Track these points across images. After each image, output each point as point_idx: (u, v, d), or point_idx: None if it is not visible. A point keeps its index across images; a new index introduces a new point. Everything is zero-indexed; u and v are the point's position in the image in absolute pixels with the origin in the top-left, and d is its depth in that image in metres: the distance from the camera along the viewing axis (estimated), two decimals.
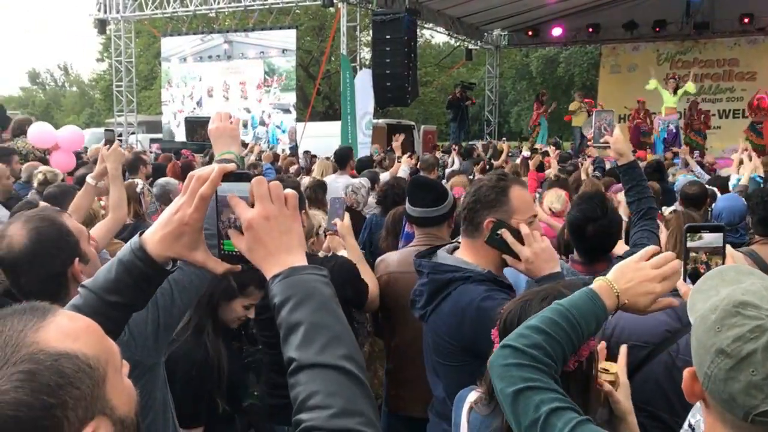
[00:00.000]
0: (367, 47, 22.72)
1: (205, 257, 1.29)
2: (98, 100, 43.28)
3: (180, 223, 1.24)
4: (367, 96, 15.48)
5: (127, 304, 1.30)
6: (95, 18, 21.30)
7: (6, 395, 0.80)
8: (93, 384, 0.88)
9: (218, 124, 1.99)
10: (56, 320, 0.90)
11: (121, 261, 1.28)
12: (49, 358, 0.84)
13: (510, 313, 1.67)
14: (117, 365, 0.96)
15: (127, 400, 0.96)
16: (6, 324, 0.87)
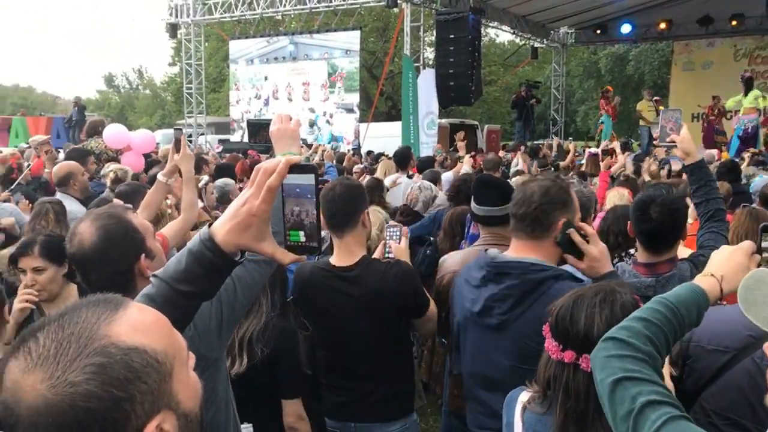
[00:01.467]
0: (431, 47, 22.69)
1: (272, 248, 1.31)
2: (170, 102, 44.79)
3: (248, 214, 1.27)
4: (430, 96, 15.42)
5: (197, 293, 1.34)
6: (167, 23, 22.03)
7: (79, 386, 0.82)
8: (160, 379, 0.90)
9: (279, 125, 2.01)
10: (127, 313, 0.92)
11: (190, 251, 1.31)
12: (119, 352, 0.86)
13: (562, 308, 1.70)
14: (183, 359, 0.97)
15: (193, 394, 0.97)
16: (81, 315, 0.89)
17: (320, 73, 20.26)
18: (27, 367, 0.84)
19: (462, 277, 2.51)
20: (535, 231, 2.23)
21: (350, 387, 2.86)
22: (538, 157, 11.52)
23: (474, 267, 2.42)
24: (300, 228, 1.31)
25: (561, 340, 1.68)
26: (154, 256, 1.88)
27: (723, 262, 1.60)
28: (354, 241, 2.80)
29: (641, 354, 1.35)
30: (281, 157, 1.30)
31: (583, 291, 1.73)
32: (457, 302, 2.52)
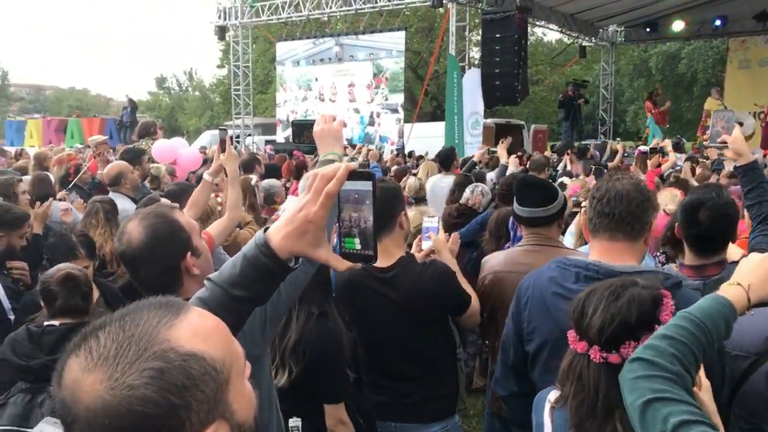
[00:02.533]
0: (477, 47, 22.52)
1: (327, 255, 1.30)
2: (218, 104, 45.54)
3: (304, 220, 1.25)
4: (475, 96, 15.31)
5: (251, 298, 1.33)
6: (216, 25, 22.47)
7: (137, 390, 0.82)
8: (217, 387, 0.89)
9: (323, 125, 2.04)
10: (188, 318, 0.92)
11: (245, 256, 1.31)
12: (178, 358, 0.86)
13: (578, 299, 1.75)
14: (241, 369, 0.96)
15: (247, 405, 0.96)
16: (143, 317, 0.89)
17: (365, 74, 20.31)
18: (87, 366, 0.85)
19: (545, 290, 2.28)
20: (634, 230, 2.14)
21: (390, 387, 2.87)
22: (585, 158, 11.31)
23: (565, 277, 2.21)
24: (355, 235, 1.29)
25: (576, 330, 1.72)
26: (200, 253, 1.91)
27: (751, 270, 1.54)
28: (392, 243, 2.80)
29: (669, 374, 1.32)
30: (339, 163, 1.29)
31: (600, 284, 1.75)
32: (541, 318, 2.29)
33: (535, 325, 2.30)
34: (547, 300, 2.24)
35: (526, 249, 3.06)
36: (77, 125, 22.29)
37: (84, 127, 21.90)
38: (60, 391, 0.86)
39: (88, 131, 20.66)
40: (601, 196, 2.18)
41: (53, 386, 0.87)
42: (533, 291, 2.34)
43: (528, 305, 2.34)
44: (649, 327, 1.60)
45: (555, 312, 2.18)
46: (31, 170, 7.23)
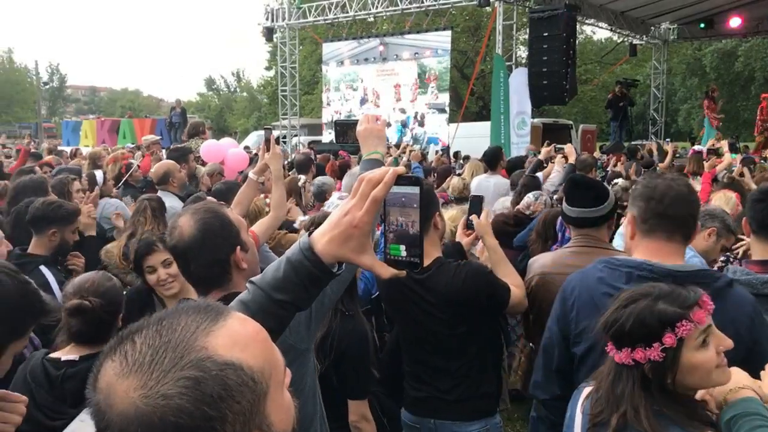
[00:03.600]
0: (524, 46, 22.26)
1: (371, 261, 1.27)
2: (265, 105, 46.25)
3: (349, 225, 1.23)
4: (522, 95, 15.14)
5: (293, 302, 1.31)
6: (263, 27, 22.79)
7: (171, 400, 0.80)
8: (254, 399, 0.86)
9: (366, 125, 2.05)
10: (227, 325, 0.88)
11: (289, 260, 1.29)
12: (215, 367, 0.83)
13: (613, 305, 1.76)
14: (280, 379, 0.93)
15: (286, 417, 0.93)
16: (180, 321, 0.87)
17: (411, 74, 20.29)
18: (122, 371, 0.82)
19: (594, 290, 2.23)
20: (690, 231, 2.13)
21: (429, 383, 2.89)
22: (636, 159, 11.05)
23: (615, 277, 2.15)
24: (401, 241, 1.26)
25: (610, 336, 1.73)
26: (248, 248, 1.94)
27: None
28: (427, 243, 2.76)
29: None
30: (386, 167, 1.25)
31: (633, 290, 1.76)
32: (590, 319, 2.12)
33: (584, 327, 2.24)
34: (597, 301, 2.18)
35: (575, 250, 2.99)
36: (129, 125, 22.92)
37: (136, 127, 22.50)
38: (95, 395, 0.84)
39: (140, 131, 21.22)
40: (660, 197, 2.11)
41: (88, 388, 0.86)
42: (580, 292, 2.29)
43: (575, 307, 2.29)
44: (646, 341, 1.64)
45: (595, 313, 2.12)
46: (85, 169, 7.43)
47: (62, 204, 3.56)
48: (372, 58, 21.34)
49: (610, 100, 19.51)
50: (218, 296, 1.86)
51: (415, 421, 2.94)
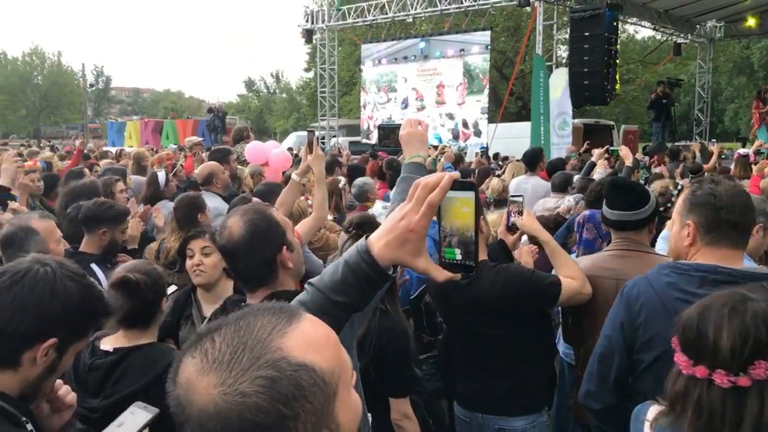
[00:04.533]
0: (564, 45, 22.02)
1: (426, 264, 1.29)
2: (304, 106, 46.65)
3: (405, 229, 1.25)
4: (563, 95, 14.97)
5: (350, 304, 1.34)
6: (303, 28, 23.01)
7: (248, 398, 0.84)
8: (324, 399, 0.89)
9: (408, 129, 2.10)
10: (300, 327, 0.92)
11: (347, 263, 1.32)
12: (290, 368, 0.86)
13: (689, 320, 1.58)
14: (348, 380, 0.96)
15: (353, 416, 0.96)
16: (257, 322, 0.91)
17: (450, 75, 20.14)
18: (202, 368, 0.87)
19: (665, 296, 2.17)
20: (742, 239, 2.15)
21: (477, 380, 2.96)
22: (678, 160, 10.83)
23: (686, 282, 2.11)
24: (456, 245, 1.27)
25: (690, 354, 1.56)
26: (294, 248, 2.01)
27: None
28: None
29: None
30: (441, 173, 1.28)
31: (710, 301, 1.59)
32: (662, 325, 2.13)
33: (654, 334, 2.20)
34: (669, 306, 2.13)
35: (614, 254, 2.98)
36: (172, 126, 23.41)
37: (178, 128, 22.97)
38: (175, 389, 0.89)
39: (182, 132, 21.67)
40: (728, 206, 2.09)
41: (169, 383, 0.91)
42: (648, 298, 2.24)
43: (643, 313, 2.24)
44: None
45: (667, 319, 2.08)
46: (130, 170, 7.64)
47: (113, 205, 3.68)
48: (412, 56, 20.96)
49: (652, 100, 19.13)
50: (265, 294, 1.92)
51: (465, 415, 3.04)
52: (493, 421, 2.90)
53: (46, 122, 57.86)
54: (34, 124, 55.91)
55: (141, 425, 1.68)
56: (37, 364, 1.50)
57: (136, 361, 2.29)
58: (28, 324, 1.47)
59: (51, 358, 1.52)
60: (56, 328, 1.51)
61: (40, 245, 2.85)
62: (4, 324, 1.46)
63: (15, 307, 1.47)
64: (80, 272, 1.61)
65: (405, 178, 1.99)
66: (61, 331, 1.52)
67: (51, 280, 1.51)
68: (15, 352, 1.48)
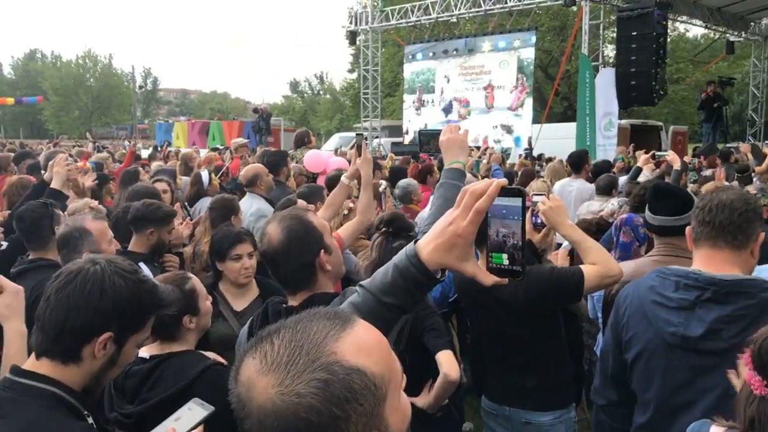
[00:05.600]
0: (611, 45, 21.65)
1: (474, 269, 1.32)
2: (348, 107, 46.94)
3: (453, 234, 1.28)
4: (609, 96, 14.74)
5: (399, 306, 1.38)
6: (347, 30, 23.19)
7: (303, 398, 0.89)
8: (375, 402, 0.93)
9: (448, 135, 2.13)
10: (353, 332, 0.97)
11: (396, 266, 1.37)
12: (342, 371, 0.91)
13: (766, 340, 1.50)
14: (398, 385, 1.00)
15: (402, 419, 0.99)
16: (312, 327, 0.96)
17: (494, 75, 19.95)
18: (261, 369, 0.92)
19: (644, 298, 2.25)
20: (737, 240, 2.11)
21: (504, 375, 3.00)
22: (729, 162, 10.54)
23: (665, 286, 2.18)
24: (503, 250, 1.30)
25: (766, 374, 1.50)
26: (332, 251, 2.05)
27: None
28: None
29: None
30: (489, 179, 1.31)
31: None
32: (639, 326, 2.27)
33: (633, 334, 2.28)
34: (646, 308, 2.22)
35: (657, 259, 2.95)
36: (218, 127, 23.84)
37: (224, 129, 23.38)
38: (236, 387, 0.95)
39: (228, 133, 22.05)
40: (703, 205, 2.16)
41: (231, 381, 0.97)
42: (632, 300, 2.32)
43: (626, 314, 2.33)
44: None
45: (654, 320, 2.19)
46: (178, 170, 7.83)
47: (160, 206, 3.79)
48: (454, 50, 20.40)
49: (703, 100, 18.63)
50: (305, 296, 1.98)
51: (492, 408, 3.07)
52: (520, 414, 2.94)
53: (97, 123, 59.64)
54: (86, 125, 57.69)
55: (197, 421, 1.74)
56: (97, 357, 1.59)
57: (170, 368, 2.35)
58: (82, 320, 1.56)
59: (110, 351, 1.61)
60: (109, 322, 1.59)
61: (93, 245, 2.97)
62: (63, 322, 1.55)
63: (70, 305, 1.56)
64: (130, 268, 1.68)
65: (444, 183, 2.01)
66: (115, 325, 1.59)
67: (100, 278, 1.59)
68: (75, 347, 1.57)
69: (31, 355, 1.61)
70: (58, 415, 1.51)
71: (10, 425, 1.44)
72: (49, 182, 4.60)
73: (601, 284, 2.82)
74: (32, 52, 75.57)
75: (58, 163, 4.57)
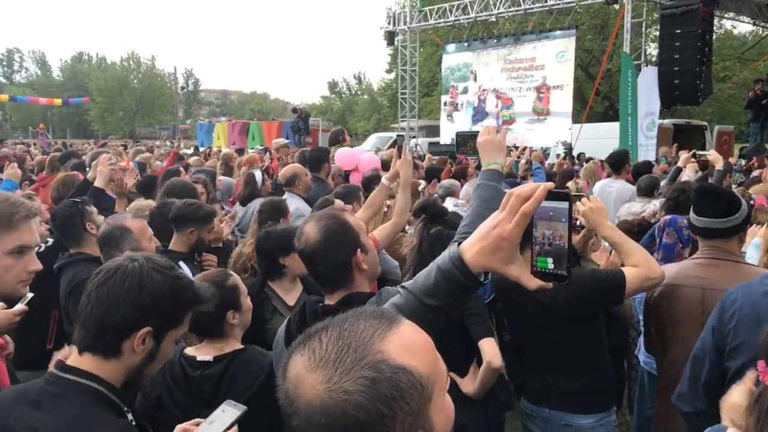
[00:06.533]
0: (654, 43, 21.22)
1: (519, 272, 1.31)
2: (385, 107, 47.03)
3: (498, 237, 1.28)
4: (652, 95, 14.45)
5: (442, 308, 1.39)
6: (385, 30, 23.23)
7: (351, 396, 0.90)
8: (421, 402, 0.94)
9: (486, 137, 2.12)
10: (400, 332, 0.98)
11: (439, 268, 1.37)
12: (389, 370, 0.92)
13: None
14: (443, 385, 1.00)
15: (446, 419, 1.00)
16: (359, 326, 0.97)
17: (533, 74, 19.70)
18: (310, 366, 0.93)
19: (759, 305, 2.17)
20: None
21: (545, 377, 2.97)
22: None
23: None
24: (549, 254, 1.29)
25: None
26: (368, 250, 2.07)
27: None
28: None
29: None
30: (535, 183, 1.30)
31: None
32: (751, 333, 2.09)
33: (743, 341, 2.20)
34: (762, 315, 2.14)
35: (701, 262, 2.88)
36: (258, 128, 24.09)
37: (264, 129, 23.61)
38: (284, 383, 0.97)
39: (267, 134, 22.27)
40: None
41: (278, 377, 0.98)
42: (742, 305, 2.23)
43: (734, 319, 2.24)
44: None
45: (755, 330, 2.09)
46: (218, 170, 7.95)
47: (201, 205, 3.84)
48: (495, 54, 19.83)
49: (750, 99, 18.06)
50: (341, 295, 1.99)
51: (531, 409, 3.04)
52: (560, 416, 2.90)
53: (140, 123, 60.99)
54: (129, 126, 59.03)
55: (230, 422, 1.78)
56: (137, 352, 1.63)
57: (240, 366, 2.42)
58: (122, 315, 1.59)
59: (149, 345, 1.64)
60: (148, 317, 1.62)
61: (133, 243, 3.04)
62: (103, 317, 1.59)
63: (110, 301, 1.60)
64: (168, 264, 1.72)
65: (481, 185, 2.00)
66: (153, 320, 1.63)
67: (138, 274, 1.63)
68: (115, 342, 1.61)
69: (74, 350, 1.65)
70: (99, 411, 1.54)
71: (55, 419, 1.48)
72: (92, 181, 4.73)
73: (643, 287, 2.77)
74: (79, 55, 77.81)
75: (101, 163, 4.69)
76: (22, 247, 2.01)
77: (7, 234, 1.97)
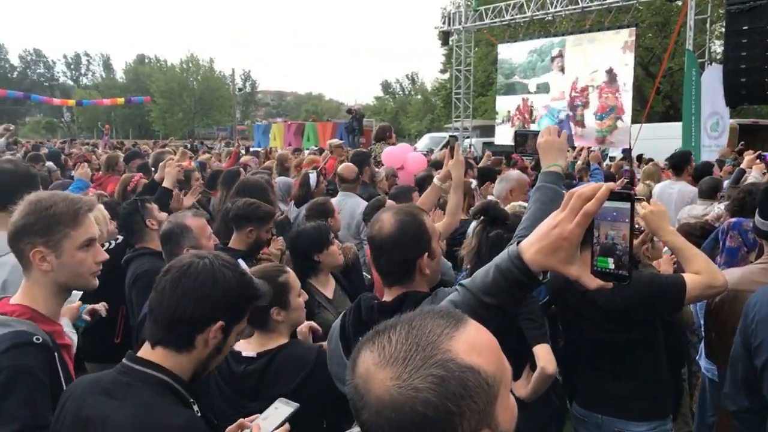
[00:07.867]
0: (718, 40, 20.52)
1: (579, 272, 1.31)
2: (439, 107, 46.88)
3: (559, 237, 1.28)
4: (716, 94, 13.96)
5: (499, 306, 1.40)
6: (440, 30, 23.17)
7: (420, 393, 0.92)
8: (487, 400, 0.96)
9: (547, 137, 2.10)
10: (466, 331, 1.00)
11: (498, 266, 1.39)
12: (458, 369, 0.94)
13: None
14: (507, 384, 1.02)
15: (510, 417, 1.02)
16: (427, 325, 0.99)
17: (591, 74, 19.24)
18: (380, 362, 0.96)
19: None
20: None
21: (597, 381, 2.94)
22: None
23: None
24: (610, 255, 1.29)
25: None
26: (435, 256, 2.06)
27: None
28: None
29: None
30: (597, 183, 1.30)
31: None
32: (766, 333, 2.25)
33: (762, 340, 2.25)
34: None
35: (765, 267, 2.79)
36: (313, 129, 24.37)
37: (318, 130, 23.86)
38: (354, 378, 0.99)
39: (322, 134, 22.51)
40: None
41: (348, 372, 1.01)
42: (761, 306, 2.28)
43: (755, 320, 2.28)
44: None
45: None
46: (274, 171, 8.10)
47: (260, 205, 3.93)
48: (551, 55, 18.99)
49: None
50: (399, 292, 1.99)
51: (583, 415, 3.01)
52: (614, 423, 2.86)
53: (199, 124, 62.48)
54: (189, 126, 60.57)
55: (283, 418, 1.83)
56: (208, 345, 1.70)
57: (285, 361, 2.46)
58: (197, 310, 1.66)
59: (219, 339, 1.71)
60: (220, 311, 1.69)
61: (193, 241, 3.15)
62: (179, 312, 1.66)
63: (184, 296, 1.66)
64: (233, 261, 1.80)
65: (541, 187, 1.99)
66: (225, 314, 1.70)
67: (210, 270, 1.70)
68: (189, 336, 1.68)
69: (146, 344, 1.72)
70: (168, 401, 1.61)
71: (125, 407, 1.56)
72: (160, 181, 4.91)
73: (704, 295, 2.71)
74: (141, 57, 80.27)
75: (169, 164, 4.87)
76: (90, 240, 2.12)
77: (75, 230, 2.08)
